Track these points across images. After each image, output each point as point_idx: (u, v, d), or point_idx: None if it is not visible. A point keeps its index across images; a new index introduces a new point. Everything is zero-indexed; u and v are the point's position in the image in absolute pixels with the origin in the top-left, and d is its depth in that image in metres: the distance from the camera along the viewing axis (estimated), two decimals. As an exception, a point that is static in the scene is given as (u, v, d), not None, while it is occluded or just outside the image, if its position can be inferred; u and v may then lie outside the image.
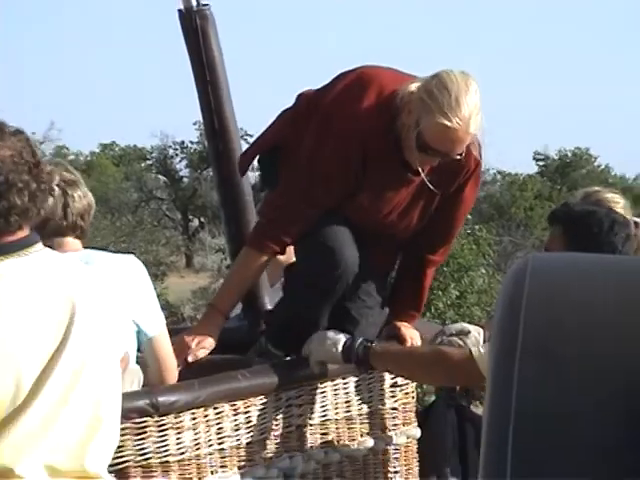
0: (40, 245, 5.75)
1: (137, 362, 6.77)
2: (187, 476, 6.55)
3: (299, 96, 7.59)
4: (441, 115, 6.97)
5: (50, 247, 6.04)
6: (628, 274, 3.59)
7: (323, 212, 7.28)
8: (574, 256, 6.01)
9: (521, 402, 3.13)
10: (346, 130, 7.20)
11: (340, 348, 6.90)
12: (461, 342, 7.24)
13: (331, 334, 7.02)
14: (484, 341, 7.00)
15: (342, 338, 6.97)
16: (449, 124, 6.97)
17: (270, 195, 7.62)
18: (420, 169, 7.09)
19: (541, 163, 39.00)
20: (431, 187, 7.16)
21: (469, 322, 7.73)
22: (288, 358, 7.36)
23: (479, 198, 30.45)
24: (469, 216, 24.08)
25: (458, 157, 7.16)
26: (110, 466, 5.93)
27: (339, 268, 6.95)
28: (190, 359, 7.07)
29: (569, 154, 40.03)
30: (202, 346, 7.09)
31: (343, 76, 7.48)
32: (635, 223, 7.20)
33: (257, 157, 7.74)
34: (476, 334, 7.07)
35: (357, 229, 7.24)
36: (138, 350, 6.81)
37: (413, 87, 7.16)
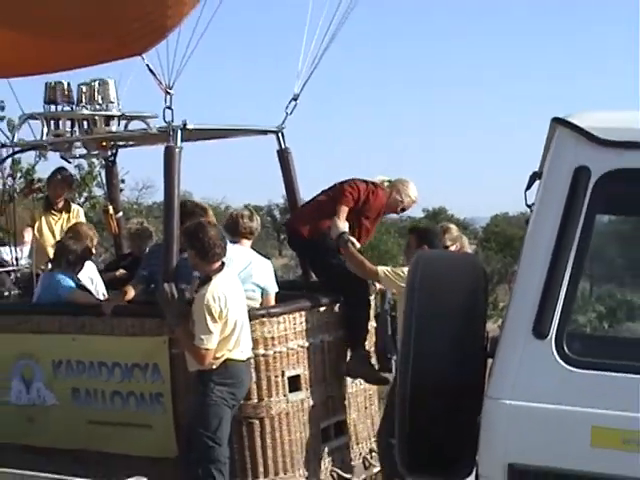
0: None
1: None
2: (282, 342, 6.32)
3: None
4: (413, 196, 7.09)
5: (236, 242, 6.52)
6: (465, 261, 3.54)
7: None
8: (440, 252, 5.91)
9: (417, 316, 3.07)
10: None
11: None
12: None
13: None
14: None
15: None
16: (416, 200, 7.16)
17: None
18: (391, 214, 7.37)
19: (425, 213, 38.79)
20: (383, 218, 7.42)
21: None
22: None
23: (401, 228, 30.55)
24: (397, 234, 24.33)
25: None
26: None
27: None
28: None
29: (437, 208, 40.00)
30: None
31: (349, 182, 7.05)
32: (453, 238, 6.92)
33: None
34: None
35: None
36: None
37: (389, 186, 7.12)
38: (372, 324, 7.13)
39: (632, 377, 2.87)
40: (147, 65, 6.57)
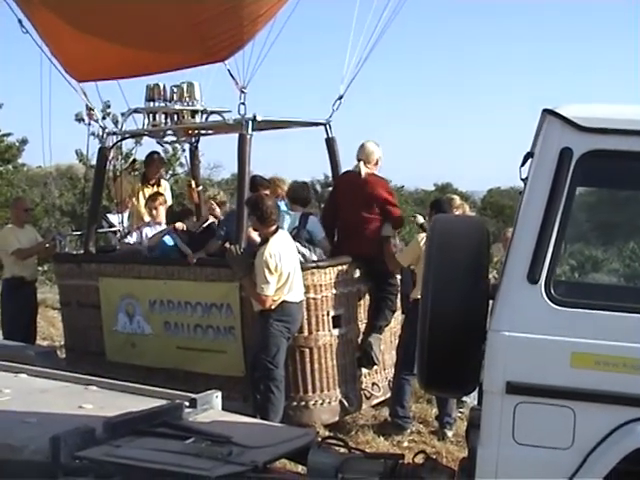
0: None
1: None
2: (328, 288, 6.29)
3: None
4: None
5: None
6: (473, 222, 3.41)
7: None
8: (452, 215, 5.74)
9: (435, 265, 3.04)
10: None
11: None
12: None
13: None
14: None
15: None
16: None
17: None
18: None
19: (435, 186, 36.70)
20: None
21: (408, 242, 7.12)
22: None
23: (416, 199, 29.02)
24: (412, 203, 23.53)
25: None
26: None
27: None
28: None
29: (445, 183, 37.78)
30: None
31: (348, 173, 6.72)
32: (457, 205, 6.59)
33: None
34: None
35: None
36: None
37: (365, 159, 6.59)
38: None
39: (602, 313, 2.89)
40: (228, 70, 6.55)
